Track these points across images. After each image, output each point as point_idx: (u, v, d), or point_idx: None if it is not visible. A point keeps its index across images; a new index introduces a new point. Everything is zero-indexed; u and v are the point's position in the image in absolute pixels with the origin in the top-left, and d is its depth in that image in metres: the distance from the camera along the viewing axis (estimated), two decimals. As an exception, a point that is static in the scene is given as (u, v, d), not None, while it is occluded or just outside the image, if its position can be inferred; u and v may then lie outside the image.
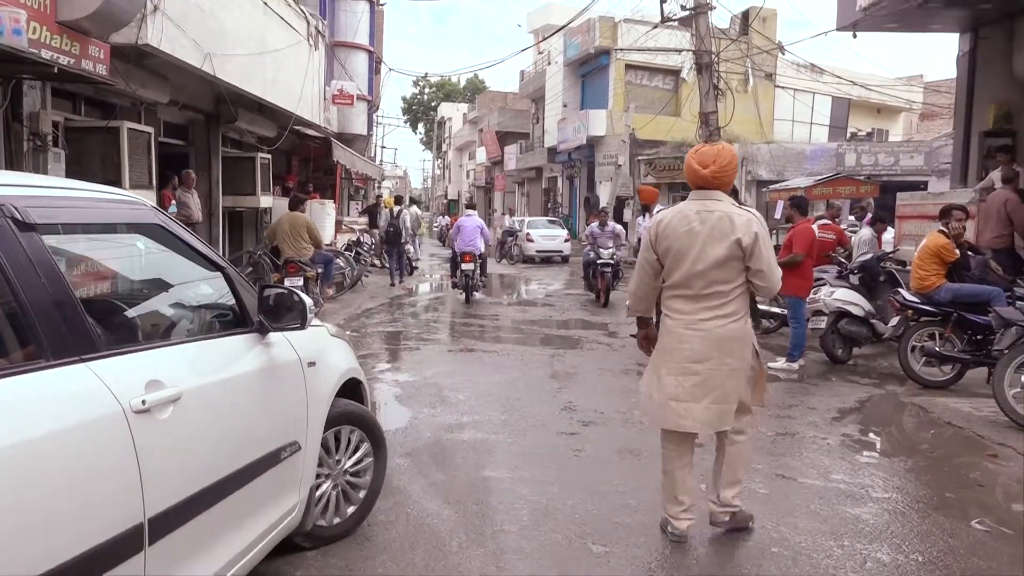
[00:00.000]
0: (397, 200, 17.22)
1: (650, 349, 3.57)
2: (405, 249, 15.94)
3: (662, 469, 3.49)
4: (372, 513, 3.51)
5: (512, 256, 22.88)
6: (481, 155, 48.20)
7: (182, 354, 2.41)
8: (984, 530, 3.61)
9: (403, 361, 7.82)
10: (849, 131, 27.38)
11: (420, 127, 67.93)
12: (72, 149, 7.17)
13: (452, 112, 60.85)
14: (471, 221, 12.90)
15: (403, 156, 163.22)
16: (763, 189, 19.99)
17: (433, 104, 64.74)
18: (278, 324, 2.79)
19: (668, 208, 3.69)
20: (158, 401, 2.07)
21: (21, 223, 1.90)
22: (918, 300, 6.71)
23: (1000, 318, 5.93)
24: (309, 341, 3.09)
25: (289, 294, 2.84)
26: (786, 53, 22.29)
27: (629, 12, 25.44)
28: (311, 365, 3.03)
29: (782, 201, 14.28)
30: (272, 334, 2.81)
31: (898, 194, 11.02)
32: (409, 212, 16.79)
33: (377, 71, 21.78)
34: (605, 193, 25.29)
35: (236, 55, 9.18)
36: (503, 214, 34.47)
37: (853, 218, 13.22)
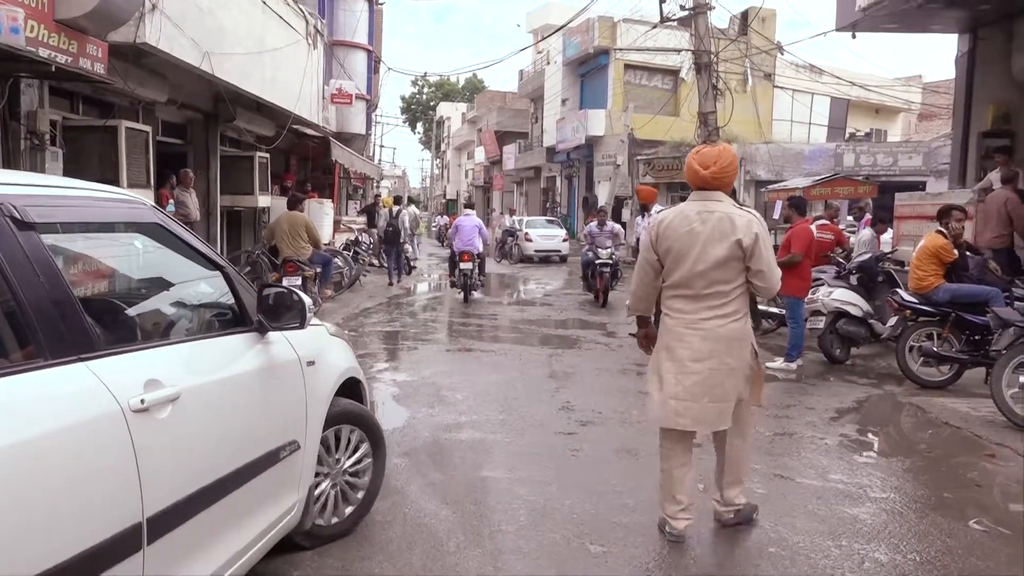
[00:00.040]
0: (396, 200, 17.24)
1: (650, 348, 3.61)
2: (404, 249, 15.94)
3: (660, 468, 3.50)
4: (370, 513, 3.51)
5: (512, 256, 22.83)
6: (480, 155, 48.20)
7: (181, 353, 2.41)
8: (982, 530, 3.61)
9: (401, 361, 7.82)
10: (848, 131, 27.39)
11: (419, 126, 67.95)
12: (70, 148, 7.15)
13: (451, 112, 60.84)
14: (469, 221, 12.92)
15: (402, 155, 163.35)
16: (761, 189, 20.01)
17: (432, 103, 64.73)
18: (277, 323, 2.79)
19: (669, 208, 3.71)
20: (157, 400, 2.07)
21: (20, 222, 1.90)
22: (916, 300, 6.71)
23: (998, 318, 5.94)
24: (308, 340, 3.09)
25: (288, 293, 2.84)
26: (785, 53, 22.31)
27: (628, 12, 25.54)
28: (310, 364, 3.03)
29: (780, 201, 14.31)
30: (271, 333, 2.81)
31: (896, 194, 11.02)
32: (408, 212, 16.79)
33: (376, 70, 21.77)
34: (604, 193, 25.29)
35: (234, 54, 9.17)
36: (501, 214, 34.44)
37: (851, 218, 13.24)
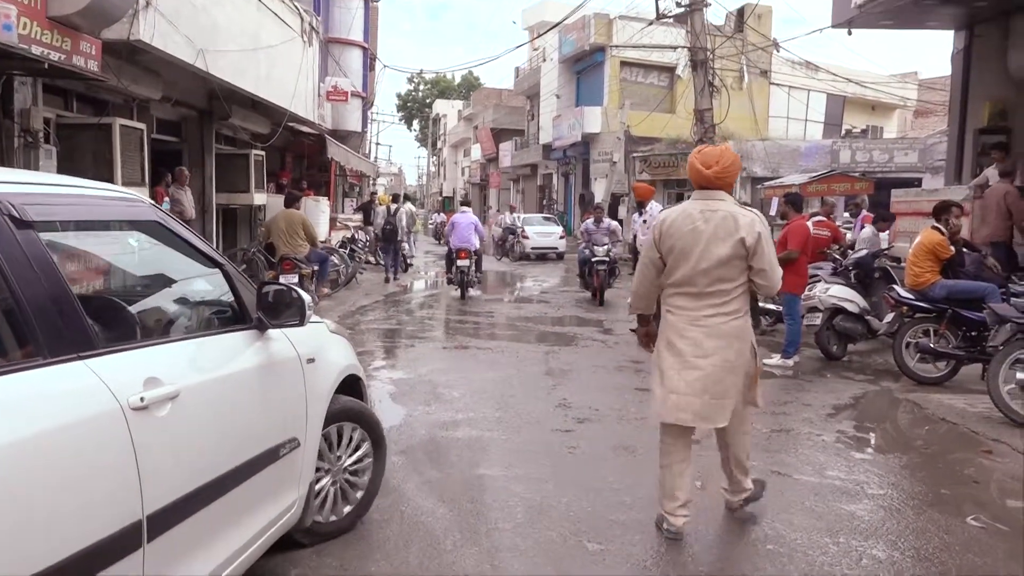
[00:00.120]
0: (394, 198, 17.21)
1: (650, 346, 3.64)
2: (401, 246, 15.92)
3: (660, 464, 3.51)
4: (367, 511, 3.49)
5: (513, 253, 22.70)
6: (476, 152, 48.15)
7: (180, 351, 2.41)
8: (979, 526, 3.62)
9: (398, 358, 7.81)
10: (844, 128, 27.41)
11: (415, 124, 67.84)
12: (64, 146, 7.11)
13: (447, 109, 60.75)
14: (465, 218, 12.95)
15: (398, 153, 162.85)
16: (758, 186, 20.02)
17: (428, 101, 64.63)
18: (277, 321, 2.79)
19: (671, 207, 3.73)
20: (156, 398, 2.07)
21: (18, 220, 1.89)
22: (913, 296, 6.72)
23: (995, 314, 5.94)
24: (308, 337, 3.08)
25: (288, 290, 2.83)
26: (781, 50, 22.28)
27: (624, 9, 25.45)
28: (310, 362, 3.03)
29: (777, 198, 14.32)
30: (271, 331, 2.80)
31: (892, 191, 11.04)
32: (404, 209, 16.78)
33: (371, 67, 21.71)
34: (600, 190, 25.27)
35: (229, 51, 9.13)
36: (498, 211, 34.40)
37: (848, 215, 13.24)
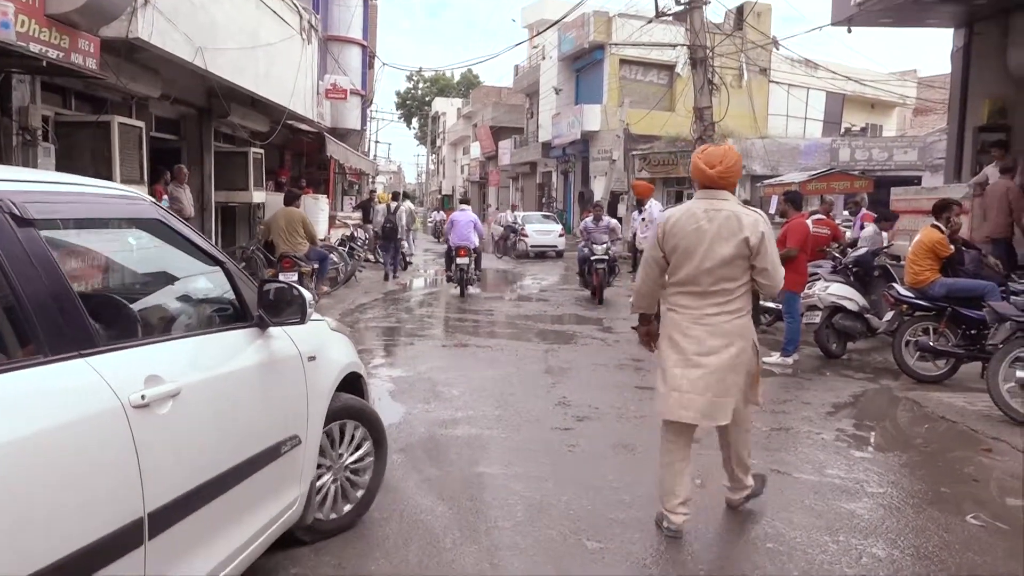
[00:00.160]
0: (395, 196, 17.19)
1: (651, 345, 3.65)
2: (400, 245, 15.91)
3: (661, 462, 3.51)
4: (368, 510, 3.49)
5: (516, 251, 22.61)
6: (475, 150, 48.13)
7: (181, 349, 2.41)
8: (979, 525, 3.62)
9: (397, 356, 7.80)
10: (843, 126, 27.42)
11: (414, 122, 67.78)
12: (62, 144, 7.11)
13: (446, 107, 60.72)
14: (464, 216, 12.96)
15: (397, 151, 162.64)
16: (757, 184, 20.03)
17: (427, 99, 64.56)
18: (278, 318, 2.79)
19: (675, 206, 3.74)
20: (157, 396, 2.07)
21: (19, 218, 1.89)
22: (912, 295, 6.72)
23: (994, 313, 5.94)
24: (309, 335, 3.09)
25: (289, 288, 2.83)
26: (780, 48, 22.23)
27: (624, 7, 25.30)
28: (311, 359, 3.03)
29: (776, 196, 14.31)
30: (272, 328, 2.80)
31: (892, 189, 11.04)
32: (404, 207, 16.77)
33: (371, 66, 21.69)
34: (599, 188, 25.26)
35: (228, 49, 9.11)
36: (497, 209, 34.35)
37: (847, 213, 13.25)
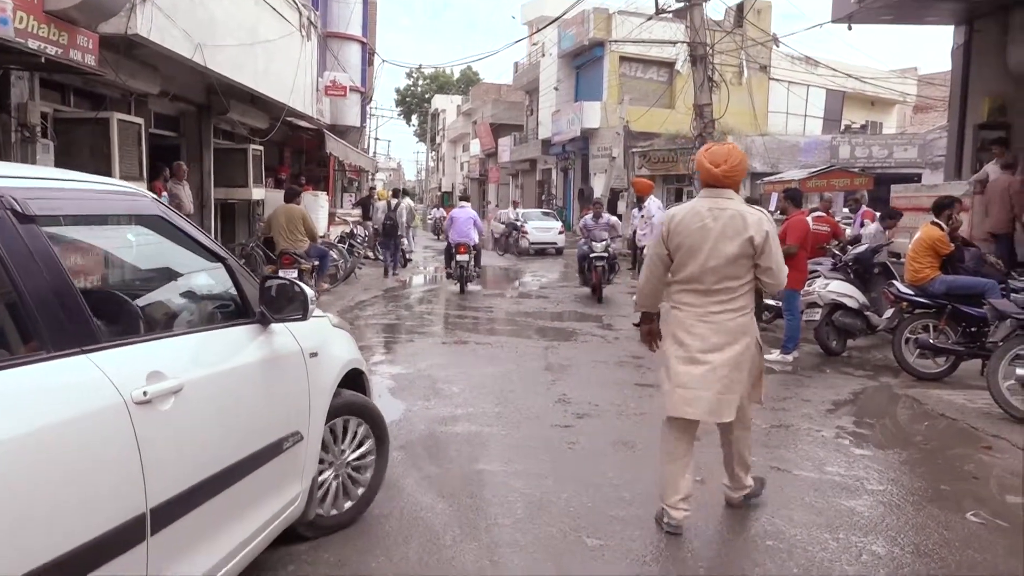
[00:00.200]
0: (394, 193, 17.17)
1: (652, 344, 3.65)
2: (400, 242, 15.91)
3: (662, 458, 3.51)
4: (368, 507, 3.49)
5: (517, 249, 22.56)
6: (475, 147, 48.11)
7: (184, 345, 2.41)
8: (979, 522, 3.62)
9: (397, 353, 7.79)
10: (843, 124, 27.39)
11: (414, 119, 67.73)
12: (61, 140, 7.10)
13: (446, 104, 60.70)
14: (464, 213, 12.98)
15: (397, 148, 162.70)
16: (757, 181, 20.01)
17: (427, 96, 64.53)
18: (279, 315, 2.79)
19: (680, 204, 3.73)
20: (159, 392, 2.07)
21: (21, 215, 1.89)
22: (912, 292, 6.72)
23: (995, 310, 5.94)
24: (311, 332, 3.08)
25: (290, 285, 2.83)
26: (780, 45, 22.21)
27: (624, 4, 25.29)
28: (313, 356, 3.03)
29: (776, 193, 14.31)
30: (274, 325, 2.81)
31: (892, 186, 11.05)
32: (404, 204, 16.76)
33: (370, 62, 21.67)
34: (599, 185, 25.24)
35: (227, 45, 9.10)
36: (497, 206, 34.33)
37: (848, 210, 13.24)
